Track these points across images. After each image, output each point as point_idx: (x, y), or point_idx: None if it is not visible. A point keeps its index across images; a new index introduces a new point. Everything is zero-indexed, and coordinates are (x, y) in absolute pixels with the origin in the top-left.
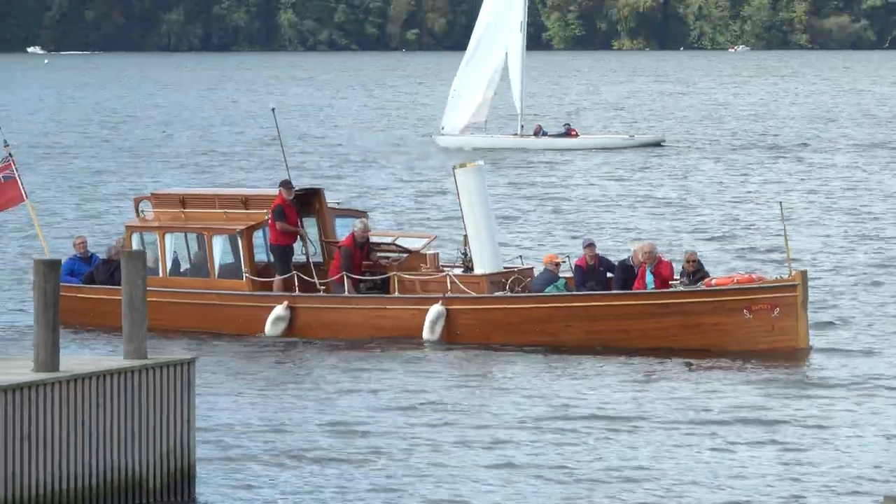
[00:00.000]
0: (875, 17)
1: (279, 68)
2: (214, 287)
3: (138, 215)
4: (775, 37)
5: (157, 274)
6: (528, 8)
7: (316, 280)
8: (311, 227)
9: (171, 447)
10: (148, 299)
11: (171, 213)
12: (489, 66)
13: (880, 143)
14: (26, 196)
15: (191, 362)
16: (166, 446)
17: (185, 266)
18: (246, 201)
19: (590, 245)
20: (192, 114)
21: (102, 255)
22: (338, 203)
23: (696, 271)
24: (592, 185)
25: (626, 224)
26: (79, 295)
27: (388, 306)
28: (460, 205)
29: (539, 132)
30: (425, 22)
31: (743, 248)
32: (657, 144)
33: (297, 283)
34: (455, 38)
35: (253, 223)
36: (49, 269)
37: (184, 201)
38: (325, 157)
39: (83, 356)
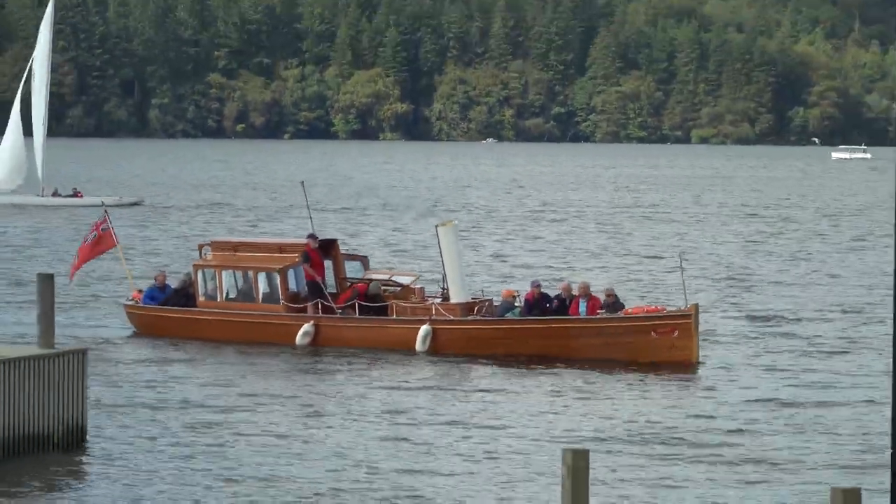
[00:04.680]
0: (560, 120)
1: None
2: (259, 309)
3: (201, 256)
4: (492, 132)
5: (216, 299)
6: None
7: (333, 304)
8: (328, 268)
9: (69, 412)
10: (210, 318)
11: (225, 255)
12: (18, 139)
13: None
14: (118, 242)
15: (84, 352)
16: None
17: (234, 293)
18: (281, 248)
19: (538, 285)
20: None
21: (174, 285)
22: (346, 249)
23: (614, 302)
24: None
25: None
26: (157, 314)
27: (388, 326)
28: (441, 253)
29: (55, 193)
30: None
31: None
32: (137, 204)
33: (320, 307)
34: None
35: (287, 263)
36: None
37: (236, 247)
38: None
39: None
